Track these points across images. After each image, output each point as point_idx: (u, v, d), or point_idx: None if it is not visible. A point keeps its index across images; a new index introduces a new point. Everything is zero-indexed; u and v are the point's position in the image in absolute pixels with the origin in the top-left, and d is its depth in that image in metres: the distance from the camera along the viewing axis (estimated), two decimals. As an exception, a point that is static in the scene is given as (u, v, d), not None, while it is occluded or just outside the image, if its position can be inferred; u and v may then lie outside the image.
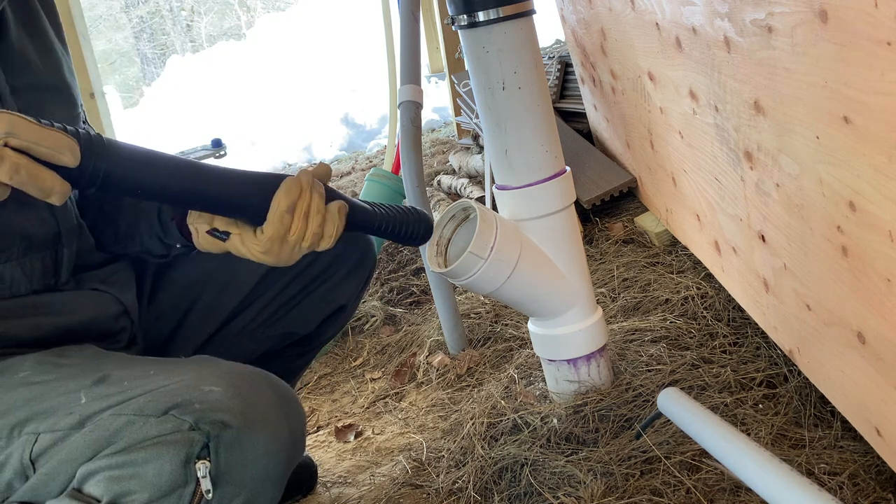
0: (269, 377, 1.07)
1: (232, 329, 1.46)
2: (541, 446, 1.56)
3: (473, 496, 1.49)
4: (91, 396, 1.01)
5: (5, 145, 0.84)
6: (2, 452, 1.02)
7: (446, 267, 1.48)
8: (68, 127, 0.90)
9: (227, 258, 1.40)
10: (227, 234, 1.09)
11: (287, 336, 1.51)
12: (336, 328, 1.59)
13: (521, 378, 1.84)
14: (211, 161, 1.42)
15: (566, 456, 1.53)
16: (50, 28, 1.26)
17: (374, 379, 2.18)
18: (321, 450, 1.91)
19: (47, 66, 1.23)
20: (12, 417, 1.02)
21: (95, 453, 0.96)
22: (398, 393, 2.07)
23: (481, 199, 2.87)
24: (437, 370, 2.07)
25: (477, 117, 3.03)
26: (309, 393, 2.21)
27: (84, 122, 1.29)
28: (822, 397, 1.49)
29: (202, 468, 0.94)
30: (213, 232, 1.10)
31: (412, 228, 1.18)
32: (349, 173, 4.75)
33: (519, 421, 1.66)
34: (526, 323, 1.81)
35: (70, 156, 0.89)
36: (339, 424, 1.98)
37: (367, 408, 2.04)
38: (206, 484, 0.94)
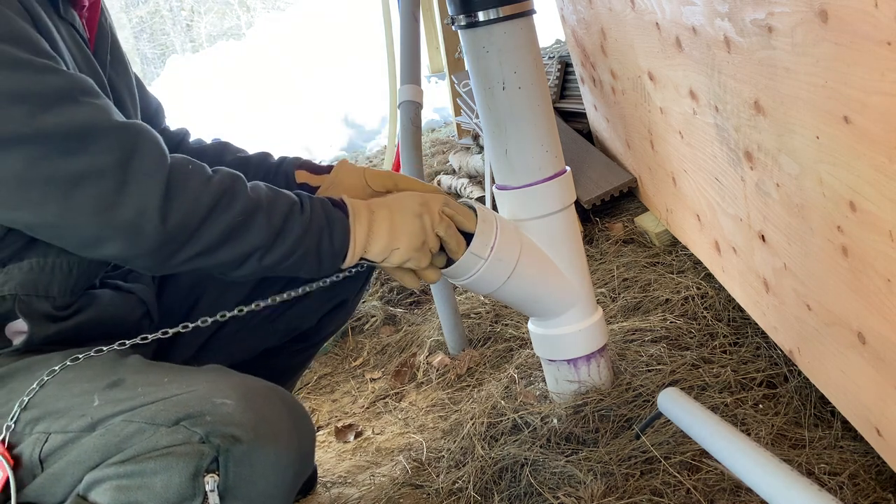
0: (281, 392, 1.07)
1: (235, 325, 1.46)
2: (541, 446, 1.56)
3: (473, 496, 1.49)
4: (104, 399, 1.01)
5: (443, 208, 1.30)
6: (14, 448, 1.02)
7: (446, 267, 1.48)
8: (467, 202, 1.41)
9: None
10: None
11: (288, 332, 1.51)
12: (337, 323, 1.59)
13: (521, 378, 1.84)
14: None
15: (566, 456, 1.53)
16: (123, 52, 1.33)
17: (374, 379, 2.18)
18: (321, 450, 1.91)
19: (125, 87, 1.30)
20: (26, 414, 1.03)
21: (104, 458, 0.96)
22: (398, 393, 2.07)
23: (481, 199, 2.87)
24: (437, 370, 2.07)
25: (477, 117, 3.03)
26: (309, 393, 2.21)
27: None
28: (822, 397, 1.49)
29: (210, 482, 0.94)
30: None
31: None
32: (349, 173, 4.74)
33: (519, 421, 1.66)
34: (526, 323, 1.81)
35: (471, 225, 1.37)
36: (339, 424, 1.98)
37: (367, 408, 2.04)
38: (213, 498, 0.94)
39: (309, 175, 1.46)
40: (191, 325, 1.25)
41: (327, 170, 1.47)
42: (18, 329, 1.12)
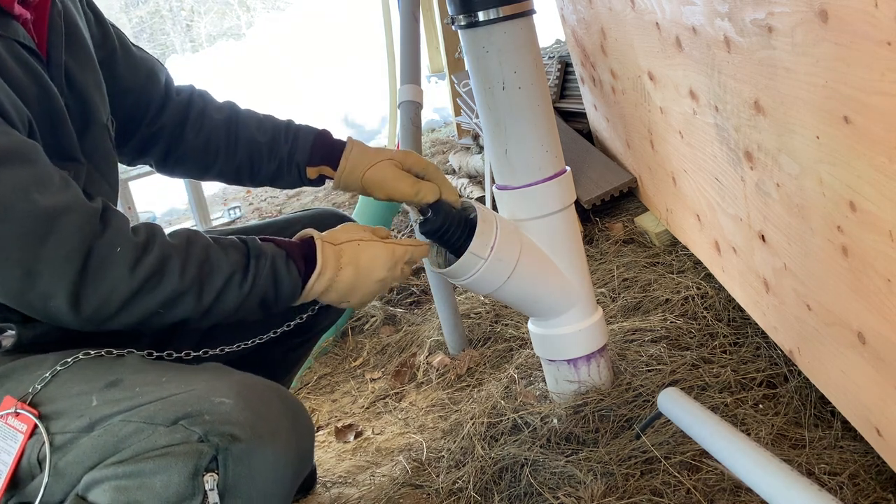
0: (280, 390, 1.07)
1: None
2: (541, 446, 1.56)
3: (473, 496, 1.49)
4: (102, 399, 1.01)
5: (405, 263, 1.31)
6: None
7: (446, 267, 1.48)
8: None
9: None
10: None
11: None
12: (332, 317, 1.59)
13: (521, 378, 1.84)
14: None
15: (566, 456, 1.53)
16: (86, 38, 1.28)
17: (374, 379, 2.18)
18: (321, 450, 1.91)
19: (91, 80, 1.26)
20: None
21: (102, 459, 0.96)
22: (398, 393, 2.07)
23: (481, 199, 2.87)
24: (437, 370, 2.07)
25: (477, 117, 3.03)
26: (309, 393, 2.21)
27: (111, 124, 1.31)
28: (822, 397, 1.49)
29: (210, 481, 0.94)
30: None
31: (460, 239, 1.45)
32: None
33: (519, 421, 1.66)
34: (526, 323, 1.81)
35: (425, 254, 1.37)
36: (339, 424, 1.98)
37: (367, 408, 2.04)
38: (213, 497, 0.94)
39: (318, 169, 1.46)
40: (210, 352, 1.27)
41: (340, 149, 1.47)
42: (6, 334, 1.12)
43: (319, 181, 1.49)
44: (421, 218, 1.44)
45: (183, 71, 8.95)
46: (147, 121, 1.41)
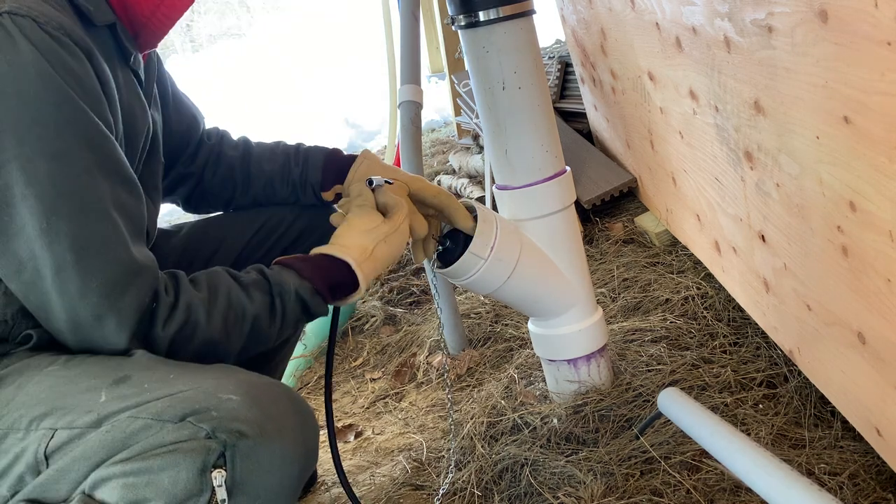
0: (286, 388, 1.08)
1: None
2: (541, 446, 1.56)
3: (473, 496, 1.49)
4: (111, 395, 1.01)
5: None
6: (18, 444, 1.02)
7: (446, 267, 1.48)
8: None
9: (213, 231, 1.55)
10: None
11: None
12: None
13: (521, 378, 1.84)
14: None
15: (566, 456, 1.53)
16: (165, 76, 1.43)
17: (374, 379, 2.18)
18: (321, 450, 1.90)
19: (160, 127, 1.37)
20: (33, 410, 1.03)
21: (110, 455, 0.96)
22: (398, 393, 2.07)
23: (481, 199, 2.87)
24: (437, 370, 2.07)
25: (477, 117, 3.03)
26: (309, 393, 2.21)
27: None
28: (822, 397, 1.49)
29: (218, 477, 0.94)
30: None
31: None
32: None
33: (519, 421, 1.66)
34: (526, 323, 1.81)
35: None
36: (339, 424, 1.98)
37: (367, 408, 2.04)
38: (221, 493, 0.94)
39: (333, 190, 1.51)
40: None
41: (350, 164, 1.51)
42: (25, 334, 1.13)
43: (338, 200, 1.52)
44: (440, 248, 1.48)
45: (183, 71, 8.94)
46: (181, 162, 1.50)
